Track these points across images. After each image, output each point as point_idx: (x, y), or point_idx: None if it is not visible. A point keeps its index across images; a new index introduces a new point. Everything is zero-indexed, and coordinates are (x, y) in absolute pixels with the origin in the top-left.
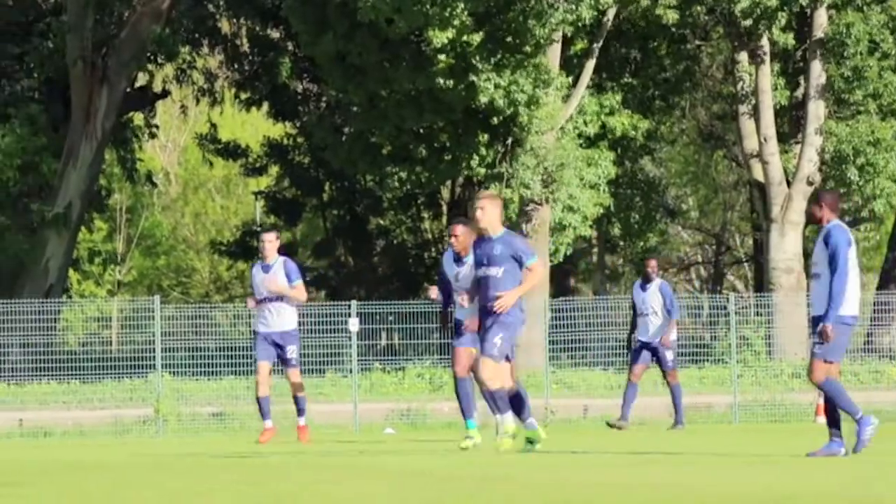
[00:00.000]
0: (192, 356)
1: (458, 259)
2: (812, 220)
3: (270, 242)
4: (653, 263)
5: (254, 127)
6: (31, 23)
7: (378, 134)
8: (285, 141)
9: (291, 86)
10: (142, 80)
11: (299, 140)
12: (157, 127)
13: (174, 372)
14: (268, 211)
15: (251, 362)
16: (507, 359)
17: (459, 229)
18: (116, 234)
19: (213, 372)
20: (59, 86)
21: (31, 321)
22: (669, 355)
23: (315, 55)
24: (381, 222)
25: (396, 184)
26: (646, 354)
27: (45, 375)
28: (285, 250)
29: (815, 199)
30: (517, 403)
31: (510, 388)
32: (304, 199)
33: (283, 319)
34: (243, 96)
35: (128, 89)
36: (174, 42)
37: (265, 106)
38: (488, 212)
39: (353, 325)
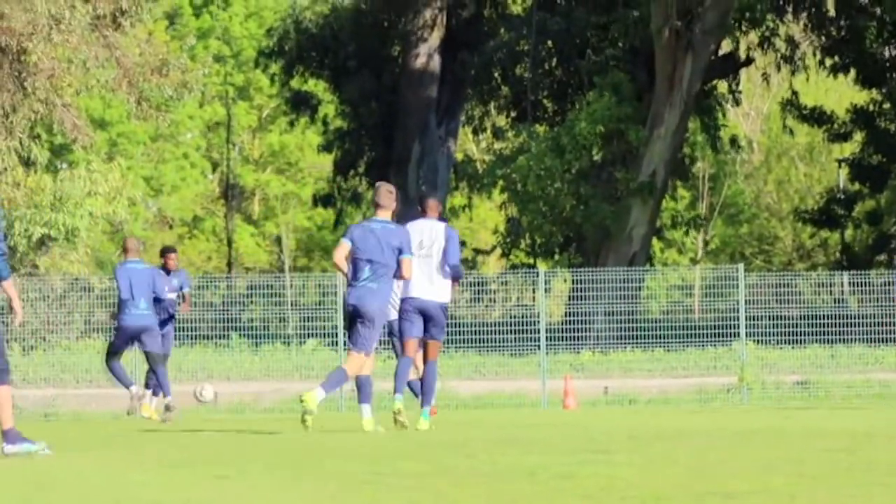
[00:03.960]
0: (776, 324)
1: None
2: None
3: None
4: None
5: (837, 93)
6: None
7: None
8: (871, 107)
9: (878, 51)
10: (726, 46)
11: (885, 106)
12: (740, 94)
13: (758, 340)
14: (852, 178)
15: (836, 332)
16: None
17: None
18: (699, 202)
19: (796, 340)
20: (643, 54)
21: (616, 289)
22: None
23: None
24: None
25: None
26: None
27: (629, 343)
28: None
29: None
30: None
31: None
32: (889, 165)
33: None
34: (828, 62)
35: (712, 57)
36: (761, 8)
37: (851, 72)
38: None
39: None
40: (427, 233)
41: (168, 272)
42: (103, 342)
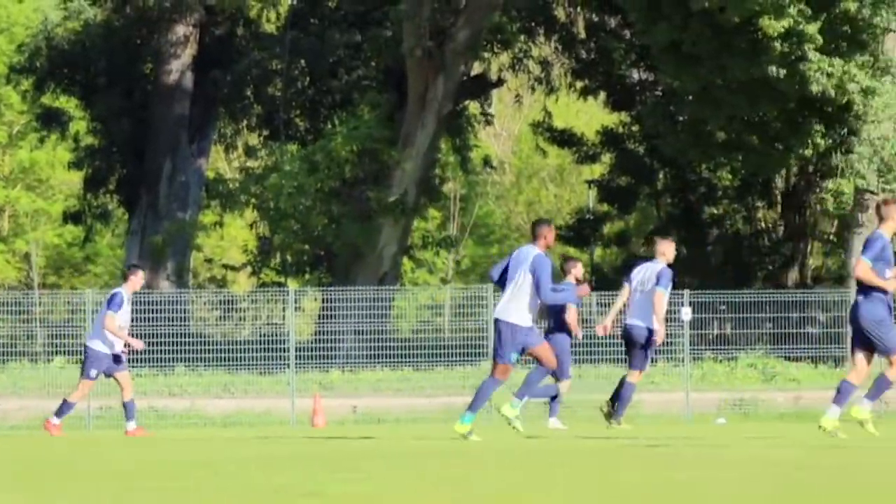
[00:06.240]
0: None
1: None
2: None
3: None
4: None
5: (588, 115)
6: (369, 11)
7: (711, 122)
8: (620, 129)
9: (627, 74)
10: (477, 68)
11: (634, 128)
12: (492, 115)
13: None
14: (601, 199)
15: (584, 351)
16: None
17: None
18: (450, 222)
19: None
20: (395, 74)
21: (366, 308)
22: None
23: (650, 43)
24: (715, 211)
25: (729, 173)
26: None
27: (378, 362)
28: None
29: None
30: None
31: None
32: (637, 187)
33: None
34: (579, 85)
35: (464, 77)
36: (511, 30)
37: (601, 95)
38: None
39: (686, 314)
40: (520, 257)
41: None
42: None
